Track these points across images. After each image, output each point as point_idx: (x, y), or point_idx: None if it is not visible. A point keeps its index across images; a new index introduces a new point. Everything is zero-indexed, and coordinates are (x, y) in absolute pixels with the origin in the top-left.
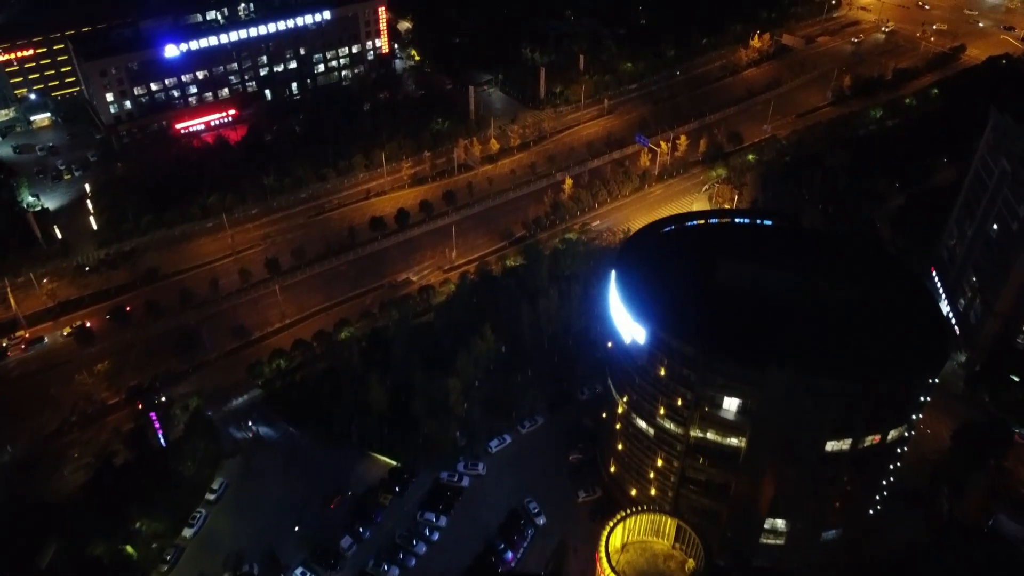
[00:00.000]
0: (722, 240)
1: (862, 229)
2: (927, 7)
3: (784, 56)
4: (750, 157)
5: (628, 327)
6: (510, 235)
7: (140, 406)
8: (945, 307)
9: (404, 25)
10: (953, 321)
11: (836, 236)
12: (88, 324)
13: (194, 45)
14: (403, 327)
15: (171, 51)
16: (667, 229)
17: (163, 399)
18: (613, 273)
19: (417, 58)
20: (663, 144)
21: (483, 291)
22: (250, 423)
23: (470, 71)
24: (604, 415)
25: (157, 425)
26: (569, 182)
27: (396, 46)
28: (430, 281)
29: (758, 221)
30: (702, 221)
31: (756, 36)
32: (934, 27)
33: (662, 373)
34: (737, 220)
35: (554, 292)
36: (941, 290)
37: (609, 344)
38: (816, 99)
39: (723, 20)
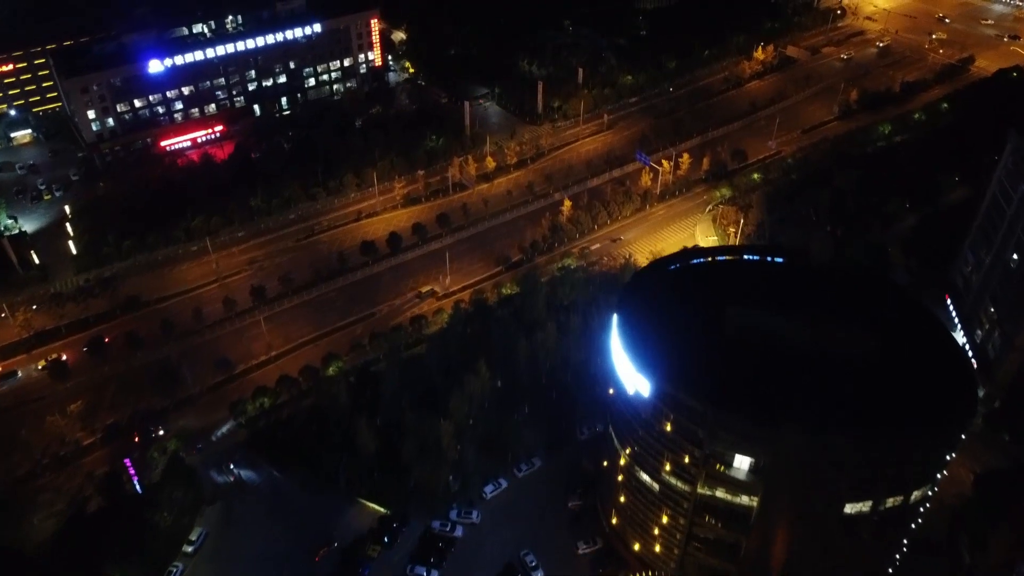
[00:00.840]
0: (730, 280)
1: (874, 257)
2: (946, 20)
3: (788, 68)
4: (755, 176)
5: (631, 377)
6: (506, 260)
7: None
8: (961, 338)
9: (398, 36)
10: (970, 353)
11: (851, 273)
12: (64, 357)
13: (179, 60)
14: (393, 365)
15: (155, 66)
16: (671, 268)
17: (146, 436)
18: (615, 318)
19: (411, 70)
20: (665, 163)
21: (478, 322)
22: (232, 466)
23: (466, 84)
24: (605, 463)
25: (132, 471)
26: (568, 204)
27: (390, 58)
28: (423, 309)
29: (767, 258)
30: (708, 258)
31: (760, 48)
32: (934, 36)
33: (668, 428)
34: (745, 256)
35: (552, 325)
36: (956, 320)
37: (610, 390)
38: (822, 113)
39: (725, 30)
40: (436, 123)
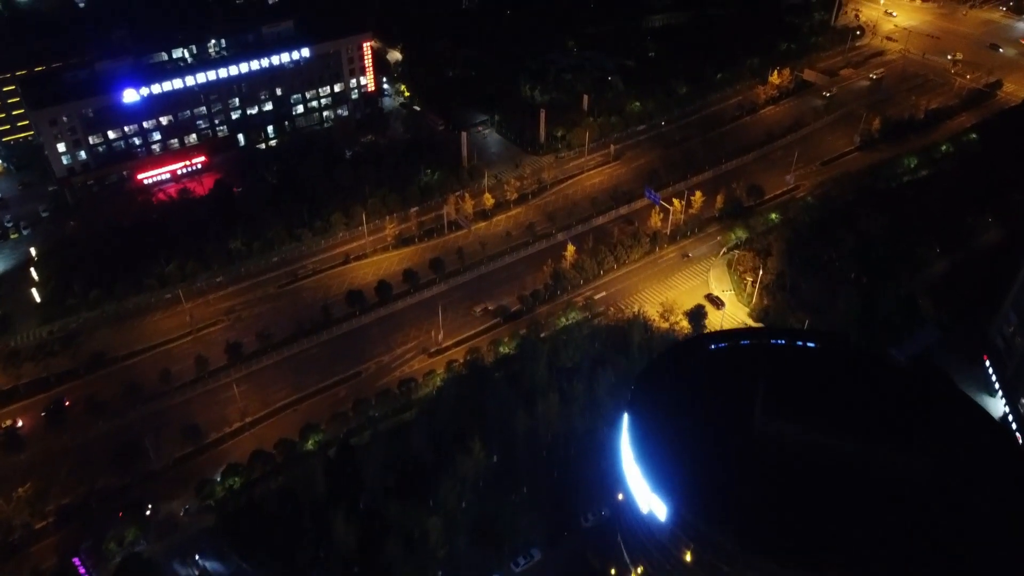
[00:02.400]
0: (757, 372)
1: (904, 310)
2: (999, 48)
3: (805, 93)
4: (772, 216)
5: (645, 495)
6: (505, 310)
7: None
8: (1002, 406)
9: (394, 56)
10: (1013, 425)
11: (898, 367)
12: (20, 423)
13: (157, 89)
14: (376, 444)
15: (130, 96)
16: (689, 358)
17: (102, 522)
18: (625, 419)
19: (407, 94)
20: (676, 201)
21: (472, 387)
22: (197, 557)
23: (464, 110)
24: (613, 572)
25: (83, 571)
26: (571, 249)
27: (384, 80)
28: (413, 367)
29: (798, 342)
30: (730, 343)
31: (775, 72)
32: (950, 56)
33: (687, 558)
34: (774, 341)
35: (554, 396)
36: (997, 384)
37: (619, 496)
38: (842, 143)
39: (738, 53)
40: (431, 154)
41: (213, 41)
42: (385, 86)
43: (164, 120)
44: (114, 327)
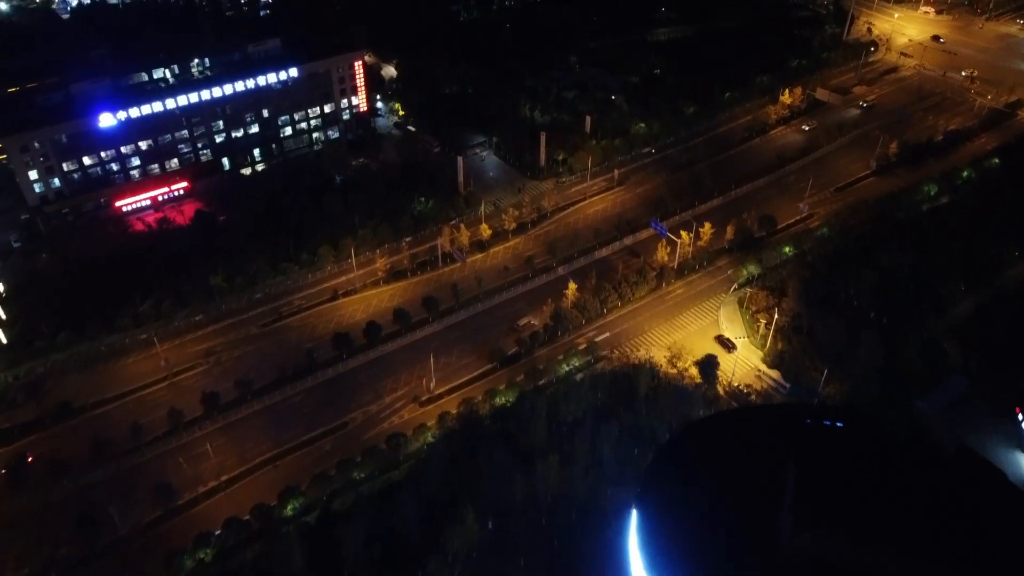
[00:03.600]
0: (784, 463)
1: (929, 356)
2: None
3: (818, 112)
4: (786, 250)
5: None
6: (501, 353)
7: None
8: None
9: (389, 71)
10: None
11: (941, 456)
12: None
13: (135, 112)
14: (361, 511)
15: (107, 120)
16: (705, 443)
17: None
18: (634, 516)
19: (401, 113)
20: (684, 234)
21: (466, 444)
22: None
23: (460, 131)
24: None
25: None
26: (572, 287)
27: (378, 97)
28: (404, 418)
29: (826, 422)
30: (749, 422)
31: (787, 91)
32: (964, 73)
33: None
34: (796, 417)
35: (554, 458)
36: None
37: None
38: (857, 167)
39: (748, 70)
40: (426, 178)
41: (196, 60)
42: (379, 104)
43: (143, 145)
44: (84, 372)
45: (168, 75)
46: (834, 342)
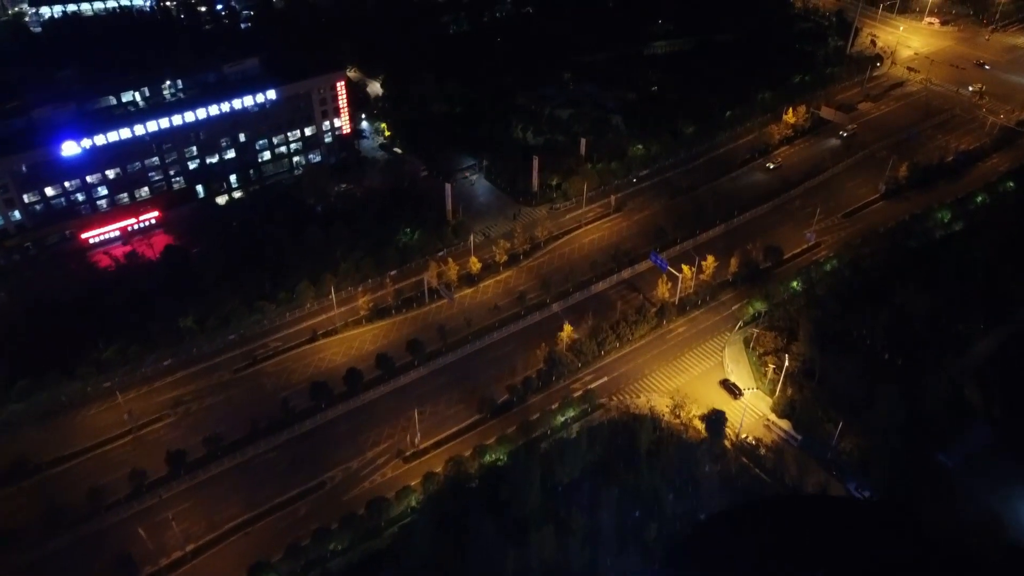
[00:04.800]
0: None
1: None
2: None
3: (823, 131)
4: (794, 285)
5: None
6: (491, 402)
7: None
8: None
9: (375, 88)
10: None
11: (986, 559)
12: None
13: (102, 140)
14: None
15: (71, 149)
16: (722, 542)
17: None
18: None
19: (387, 133)
20: (685, 268)
21: (453, 508)
22: None
23: (449, 153)
24: None
25: None
26: (568, 329)
27: (363, 116)
28: (387, 476)
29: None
30: (767, 522)
31: (791, 109)
32: (972, 88)
33: None
34: (826, 516)
35: (549, 529)
36: None
37: None
38: (864, 190)
39: (749, 85)
40: (412, 205)
41: (168, 83)
42: (364, 123)
43: (111, 173)
44: (41, 425)
45: (138, 98)
46: (848, 387)
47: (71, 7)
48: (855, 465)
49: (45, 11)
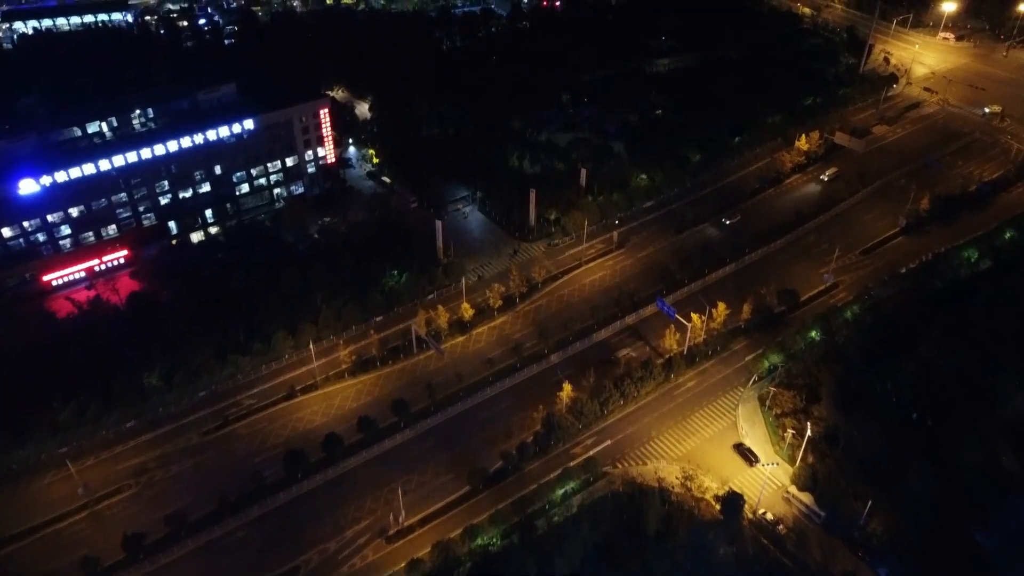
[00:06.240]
0: None
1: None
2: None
3: (837, 157)
4: (812, 335)
5: None
6: (483, 472)
7: None
8: None
9: (363, 110)
10: None
11: None
12: None
13: (63, 176)
14: None
15: (28, 187)
16: None
17: None
18: None
19: (375, 160)
20: (695, 317)
21: None
22: None
23: (441, 183)
24: None
25: None
26: (567, 389)
27: (351, 141)
28: (367, 559)
29: None
30: None
31: (803, 136)
32: (987, 110)
33: None
34: None
35: None
36: None
37: None
38: (883, 223)
39: (757, 107)
40: (401, 242)
41: (138, 111)
42: (351, 149)
43: (74, 211)
44: None
45: (105, 128)
46: (874, 452)
47: (47, 22)
48: (885, 546)
49: (19, 26)
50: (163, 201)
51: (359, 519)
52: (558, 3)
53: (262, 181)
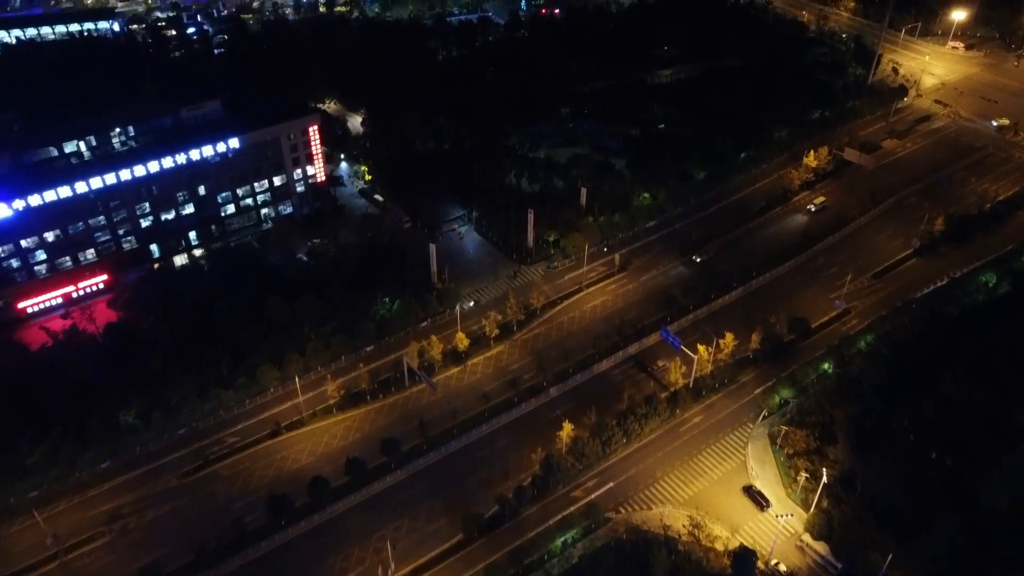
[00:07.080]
0: None
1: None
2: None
3: (845, 174)
4: (824, 367)
5: None
6: (478, 517)
7: None
8: None
9: (356, 124)
10: None
11: None
12: None
13: (38, 199)
14: None
15: (0, 211)
16: None
17: None
18: None
19: (368, 177)
20: (701, 348)
21: None
22: None
23: (436, 201)
24: None
25: None
26: (568, 429)
27: (343, 157)
28: None
29: None
30: None
31: (811, 151)
32: (995, 123)
33: None
34: None
35: None
36: None
37: None
38: (894, 245)
39: (763, 120)
40: (393, 266)
41: (118, 129)
42: (343, 164)
43: (50, 236)
44: None
45: (83, 148)
46: (894, 498)
47: (31, 31)
48: None
49: (3, 35)
50: (144, 224)
51: (346, 569)
52: (557, 11)
53: (248, 201)
